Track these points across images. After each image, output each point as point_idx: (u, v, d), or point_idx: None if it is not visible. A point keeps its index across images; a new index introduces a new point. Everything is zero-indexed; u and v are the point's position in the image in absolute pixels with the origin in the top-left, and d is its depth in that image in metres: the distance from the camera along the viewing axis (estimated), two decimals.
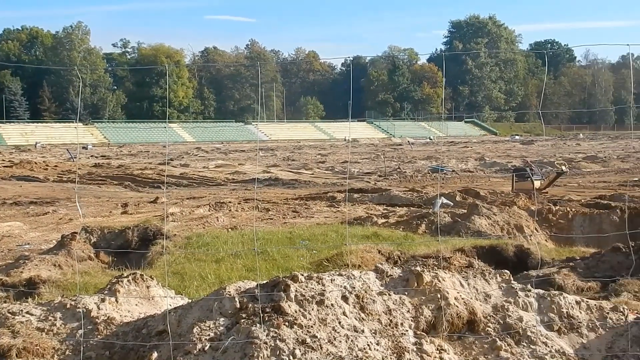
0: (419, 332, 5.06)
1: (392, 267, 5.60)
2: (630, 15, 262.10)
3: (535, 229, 15.40)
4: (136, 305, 5.67)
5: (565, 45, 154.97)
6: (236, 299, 4.96)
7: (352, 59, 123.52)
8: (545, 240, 15.22)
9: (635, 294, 7.72)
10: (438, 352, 4.95)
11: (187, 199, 20.83)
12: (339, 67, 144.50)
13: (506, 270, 5.87)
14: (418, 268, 5.50)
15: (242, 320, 4.75)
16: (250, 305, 4.89)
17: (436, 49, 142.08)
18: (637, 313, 5.95)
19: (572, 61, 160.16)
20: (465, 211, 14.91)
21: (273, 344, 4.51)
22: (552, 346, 5.31)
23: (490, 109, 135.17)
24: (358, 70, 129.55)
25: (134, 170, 33.90)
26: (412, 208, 17.46)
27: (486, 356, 5.08)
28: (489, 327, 5.31)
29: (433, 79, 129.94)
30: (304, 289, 5.03)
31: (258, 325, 4.65)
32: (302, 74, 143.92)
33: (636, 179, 28.12)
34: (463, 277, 5.65)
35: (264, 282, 5.27)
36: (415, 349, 4.88)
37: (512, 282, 5.79)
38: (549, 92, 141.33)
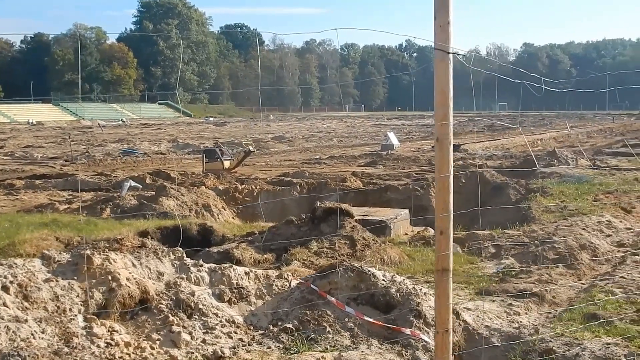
0: (89, 316, 4.99)
1: (60, 253, 5.42)
2: (313, 3, 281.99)
3: (223, 207, 15.99)
4: None
5: (254, 29, 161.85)
6: None
7: (32, 36, 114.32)
8: (233, 217, 15.90)
9: (304, 261, 8.45)
10: (109, 333, 4.94)
11: None
12: (18, 44, 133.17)
13: (179, 248, 6.02)
14: (88, 252, 5.39)
15: None
16: None
17: (126, 29, 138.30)
18: (300, 278, 6.53)
19: (261, 45, 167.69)
20: (154, 193, 14.92)
21: None
22: (222, 316, 5.60)
23: (184, 91, 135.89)
24: (41, 48, 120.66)
25: None
26: (99, 192, 16.93)
27: (159, 332, 5.18)
28: (162, 304, 5.42)
29: (124, 60, 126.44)
30: None
31: None
32: None
33: (317, 156, 30.59)
34: (136, 257, 5.67)
35: None
36: (84, 333, 4.81)
37: (185, 258, 5.96)
38: (240, 75, 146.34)
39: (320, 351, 5.38)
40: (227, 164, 23.47)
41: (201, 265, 5.92)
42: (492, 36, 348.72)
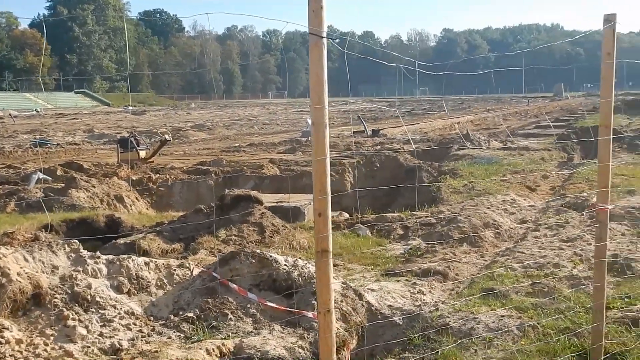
0: None
1: None
2: None
3: (136, 198, 15.71)
4: None
5: (174, 15, 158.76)
6: None
7: None
8: (147, 208, 15.65)
9: (211, 250, 8.42)
10: None
11: None
12: None
13: (75, 240, 5.89)
14: None
15: None
16: None
17: (39, 14, 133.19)
18: (202, 267, 6.49)
19: (181, 31, 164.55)
20: (63, 185, 14.53)
21: None
22: (121, 308, 5.52)
23: (102, 79, 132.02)
24: None
25: None
26: (6, 186, 16.31)
27: (53, 327, 5.07)
28: (57, 298, 5.30)
29: (37, 47, 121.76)
30: None
31: None
32: None
33: (237, 144, 30.38)
34: (28, 251, 5.52)
35: None
36: None
37: (81, 251, 5.84)
38: (160, 62, 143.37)
39: (222, 338, 5.38)
40: (143, 153, 23.02)
41: (98, 257, 5.81)
42: (415, 22, 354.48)
